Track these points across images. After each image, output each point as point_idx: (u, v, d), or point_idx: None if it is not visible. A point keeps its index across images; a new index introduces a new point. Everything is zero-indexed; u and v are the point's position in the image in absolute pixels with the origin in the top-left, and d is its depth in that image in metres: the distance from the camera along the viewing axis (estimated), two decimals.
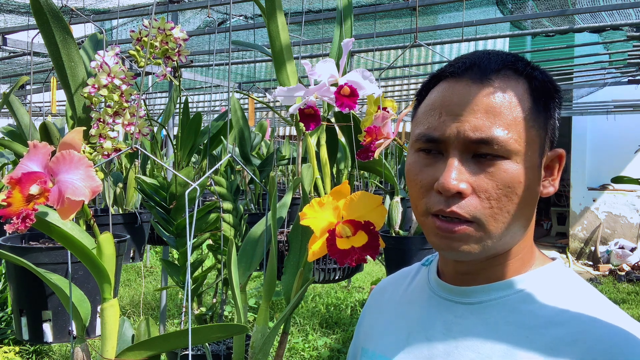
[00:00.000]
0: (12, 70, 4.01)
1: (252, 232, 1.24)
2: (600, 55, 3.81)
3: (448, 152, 0.64)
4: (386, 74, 4.22)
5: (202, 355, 1.38)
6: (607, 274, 6.92)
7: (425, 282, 0.78)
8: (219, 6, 2.62)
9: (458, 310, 0.70)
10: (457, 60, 0.68)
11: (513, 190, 0.63)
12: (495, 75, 0.64)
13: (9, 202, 0.82)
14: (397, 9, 2.29)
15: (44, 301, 1.31)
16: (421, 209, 0.67)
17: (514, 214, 0.64)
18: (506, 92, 0.64)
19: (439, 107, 0.66)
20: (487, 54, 0.68)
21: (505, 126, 0.62)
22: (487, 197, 0.62)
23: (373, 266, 6.26)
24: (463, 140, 0.63)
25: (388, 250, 1.70)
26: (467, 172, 0.63)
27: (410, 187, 0.69)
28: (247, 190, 2.34)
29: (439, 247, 0.66)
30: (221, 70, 4.21)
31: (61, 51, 1.21)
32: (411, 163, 0.69)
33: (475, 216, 0.63)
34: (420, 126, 0.68)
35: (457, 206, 0.63)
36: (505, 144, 0.62)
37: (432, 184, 0.65)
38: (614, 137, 7.45)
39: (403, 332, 0.75)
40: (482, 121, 0.62)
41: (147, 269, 6.55)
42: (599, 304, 0.65)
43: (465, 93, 0.64)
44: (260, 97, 4.57)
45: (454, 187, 0.62)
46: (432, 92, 0.69)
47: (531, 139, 0.64)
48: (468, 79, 0.65)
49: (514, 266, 0.69)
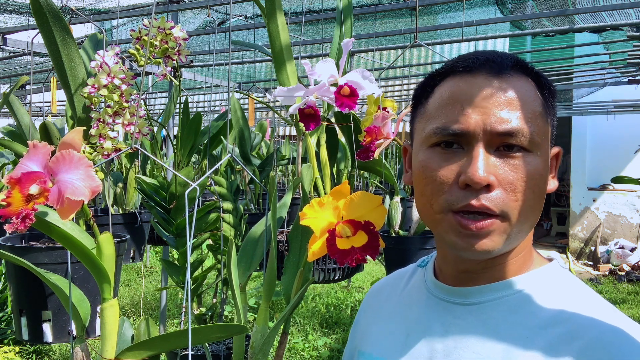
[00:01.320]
0: (12, 70, 4.01)
1: (252, 232, 1.24)
2: (600, 55, 3.81)
3: (472, 145, 0.63)
4: (386, 74, 4.22)
5: (202, 355, 1.38)
6: (607, 274, 6.91)
7: (422, 283, 0.78)
8: (219, 6, 2.62)
9: (456, 311, 0.70)
10: (466, 58, 0.67)
11: (536, 183, 0.63)
12: (511, 71, 0.65)
13: (8, 202, 0.82)
14: (397, 9, 2.29)
15: (43, 301, 1.31)
16: (439, 206, 0.64)
17: (536, 207, 0.64)
18: (523, 87, 0.64)
19: (459, 100, 0.64)
20: (495, 52, 0.67)
21: (528, 119, 0.63)
22: (513, 189, 0.62)
23: (373, 266, 6.26)
24: (490, 132, 0.62)
25: (388, 250, 1.70)
26: (493, 165, 0.62)
27: (424, 184, 0.67)
28: (247, 190, 2.34)
29: (459, 246, 0.64)
30: (221, 70, 4.21)
31: (61, 51, 1.21)
32: (426, 159, 0.66)
33: (503, 210, 0.62)
34: (436, 120, 0.66)
35: (486, 199, 0.61)
36: (530, 135, 0.62)
37: (453, 179, 0.63)
38: (614, 137, 7.45)
39: (401, 334, 0.74)
40: (508, 113, 0.62)
41: (147, 269, 6.55)
42: (597, 304, 0.65)
43: (486, 86, 0.64)
44: (260, 97, 4.57)
45: (484, 179, 0.60)
46: (441, 88, 0.68)
47: (545, 133, 0.65)
48: (486, 73, 0.64)
49: (513, 267, 0.69)
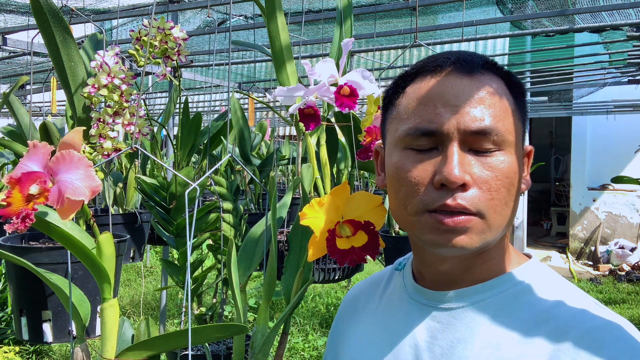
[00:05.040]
0: (12, 70, 4.01)
1: (252, 232, 1.24)
2: (600, 55, 3.81)
3: (446, 145, 0.62)
4: (386, 74, 4.22)
5: (202, 355, 1.38)
6: (607, 274, 6.91)
7: (401, 288, 0.76)
8: (219, 6, 2.62)
9: (440, 316, 0.68)
10: (437, 57, 0.67)
11: (511, 181, 0.63)
12: (482, 70, 0.65)
13: (8, 202, 0.81)
14: (397, 9, 2.29)
15: (44, 301, 1.31)
16: (414, 208, 0.64)
17: (511, 206, 0.64)
18: (495, 85, 0.65)
19: (432, 99, 0.64)
20: (465, 52, 0.67)
21: (500, 117, 0.63)
22: (488, 188, 0.62)
23: (373, 266, 6.25)
24: (464, 131, 0.62)
25: (388, 250, 1.70)
26: (468, 164, 0.62)
27: (398, 186, 0.66)
28: (247, 190, 2.34)
29: (437, 243, 0.63)
30: (221, 70, 4.21)
31: (61, 51, 1.21)
32: (399, 161, 0.66)
33: (479, 208, 0.61)
34: (409, 121, 0.65)
35: (462, 198, 0.61)
36: (503, 134, 0.63)
37: (428, 180, 0.63)
38: (614, 137, 7.45)
39: (386, 343, 0.73)
40: (481, 112, 0.62)
41: (147, 269, 6.55)
42: (581, 299, 0.65)
43: (458, 84, 0.63)
44: (260, 97, 4.57)
45: (460, 178, 0.60)
46: (412, 88, 0.67)
47: (518, 131, 0.65)
48: (458, 72, 0.64)
49: (494, 267, 0.68)
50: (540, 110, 7.14)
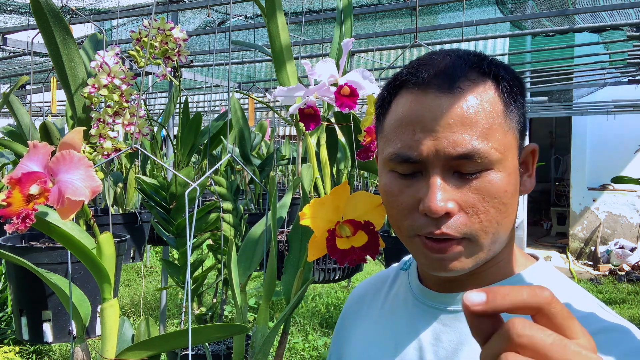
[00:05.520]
0: (12, 70, 4.00)
1: (252, 232, 1.24)
2: (600, 55, 3.81)
3: (428, 172, 0.61)
4: (386, 74, 4.22)
5: (202, 355, 1.38)
6: (607, 274, 6.92)
7: (406, 288, 0.76)
8: (219, 6, 2.62)
9: (446, 318, 0.68)
10: (417, 67, 0.63)
11: (500, 200, 0.61)
12: (463, 81, 0.61)
13: (8, 202, 0.82)
14: (397, 9, 2.29)
15: (44, 301, 1.31)
16: (406, 231, 0.64)
17: (503, 223, 0.62)
18: (478, 99, 0.60)
19: (411, 123, 0.61)
20: (448, 57, 0.63)
21: (484, 136, 0.59)
22: (475, 211, 0.60)
23: (373, 266, 6.25)
24: (444, 157, 0.59)
25: (388, 250, 1.70)
26: (452, 190, 0.60)
27: (389, 208, 0.65)
28: (247, 190, 2.34)
29: (429, 267, 0.63)
30: (221, 70, 4.21)
31: (61, 51, 1.21)
32: (387, 184, 0.65)
33: (466, 233, 0.60)
34: (392, 144, 0.63)
35: (447, 227, 0.60)
36: (487, 155, 0.59)
37: (415, 206, 0.62)
38: (614, 137, 7.45)
39: (390, 343, 0.73)
40: (461, 135, 0.59)
41: (147, 269, 6.55)
42: (590, 302, 0.65)
43: (436, 106, 0.60)
44: (260, 97, 4.57)
45: (441, 209, 0.59)
46: (396, 103, 0.64)
47: (509, 143, 0.62)
48: (436, 89, 0.60)
49: (500, 271, 0.68)
50: (540, 110, 7.14)
